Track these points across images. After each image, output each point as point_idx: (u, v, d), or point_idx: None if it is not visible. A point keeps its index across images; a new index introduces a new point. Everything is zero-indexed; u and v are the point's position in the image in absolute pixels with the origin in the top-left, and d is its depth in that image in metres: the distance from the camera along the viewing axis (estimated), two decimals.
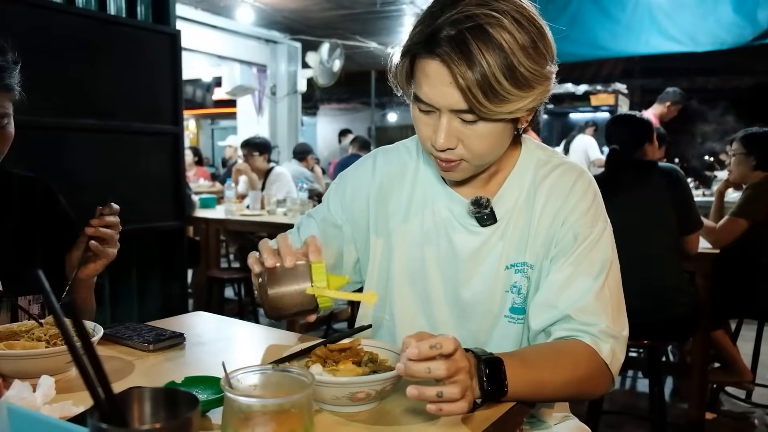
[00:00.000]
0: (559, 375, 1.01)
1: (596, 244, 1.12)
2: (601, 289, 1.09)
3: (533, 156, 1.21)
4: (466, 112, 1.01)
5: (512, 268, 1.16)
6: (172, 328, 1.28)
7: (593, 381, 1.06)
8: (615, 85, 8.25)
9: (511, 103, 0.98)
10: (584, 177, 1.18)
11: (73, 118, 2.80)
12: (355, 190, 1.29)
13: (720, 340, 3.14)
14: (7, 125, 1.28)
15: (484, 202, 1.15)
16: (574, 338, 1.06)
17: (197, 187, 7.04)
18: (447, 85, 0.99)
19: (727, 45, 7.00)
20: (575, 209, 1.14)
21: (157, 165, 3.22)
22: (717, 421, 3.14)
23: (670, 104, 5.67)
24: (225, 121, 16.03)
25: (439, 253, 1.21)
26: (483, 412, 0.91)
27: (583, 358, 1.04)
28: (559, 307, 1.08)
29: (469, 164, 1.09)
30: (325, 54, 8.29)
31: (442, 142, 1.04)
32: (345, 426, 0.87)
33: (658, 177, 2.63)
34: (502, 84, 0.96)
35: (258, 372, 0.79)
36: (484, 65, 0.95)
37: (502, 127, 1.05)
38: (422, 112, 1.07)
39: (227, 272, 4.96)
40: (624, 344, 1.09)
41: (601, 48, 7.69)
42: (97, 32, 2.88)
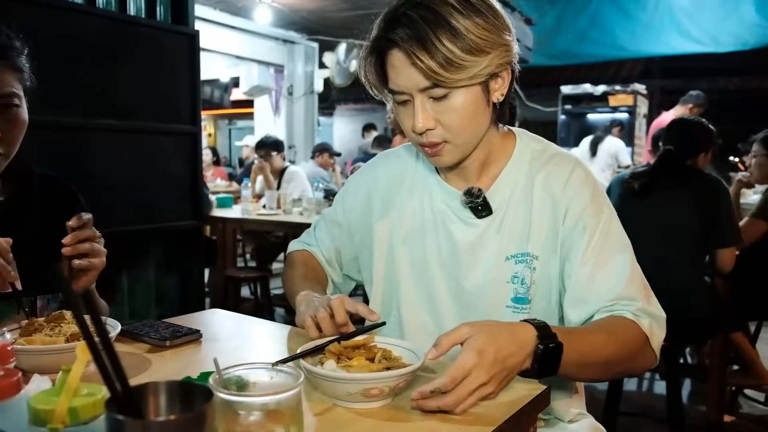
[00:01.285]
0: (610, 348, 1.04)
1: (608, 232, 1.15)
2: (629, 276, 1.12)
3: (528, 148, 1.24)
4: (432, 88, 1.07)
5: (512, 258, 1.18)
6: (189, 325, 1.30)
7: (639, 355, 1.09)
8: (634, 85, 8.18)
9: (468, 69, 1.05)
10: (581, 166, 1.21)
11: (92, 118, 2.83)
12: (358, 192, 1.38)
13: (739, 342, 3.10)
14: (18, 109, 1.28)
15: (475, 191, 1.19)
16: (616, 314, 1.09)
17: (214, 187, 7.09)
18: (409, 68, 1.06)
19: (750, 45, 6.93)
20: (576, 200, 1.16)
21: (175, 165, 3.25)
22: (735, 424, 3.10)
23: (693, 107, 5.62)
24: (242, 121, 16.12)
25: (439, 246, 1.25)
26: (498, 408, 0.91)
27: (630, 330, 1.07)
28: (591, 302, 1.11)
29: (452, 145, 1.13)
30: (342, 54, 8.31)
31: (421, 124, 1.09)
32: (356, 423, 0.88)
33: (698, 185, 2.60)
34: (454, 52, 1.03)
35: (252, 369, 0.80)
36: (435, 41, 1.03)
37: (472, 99, 1.09)
38: (400, 105, 1.14)
39: (244, 271, 5.00)
40: (662, 324, 1.12)
41: (620, 48, 7.64)
42: (117, 33, 2.91)
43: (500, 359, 0.89)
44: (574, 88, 8.47)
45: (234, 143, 15.56)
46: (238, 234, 5.34)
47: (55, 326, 1.06)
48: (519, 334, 0.94)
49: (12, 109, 1.28)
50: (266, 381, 0.80)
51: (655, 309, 1.12)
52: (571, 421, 1.23)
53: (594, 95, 8.25)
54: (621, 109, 8.16)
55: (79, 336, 1.03)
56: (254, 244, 5.53)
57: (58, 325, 1.06)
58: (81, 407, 0.66)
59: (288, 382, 0.77)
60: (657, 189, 2.59)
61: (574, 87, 8.49)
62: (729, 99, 10.15)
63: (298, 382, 0.75)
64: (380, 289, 1.33)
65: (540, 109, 9.27)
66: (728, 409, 3.17)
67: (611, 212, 1.18)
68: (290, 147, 9.38)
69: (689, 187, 2.60)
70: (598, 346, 1.03)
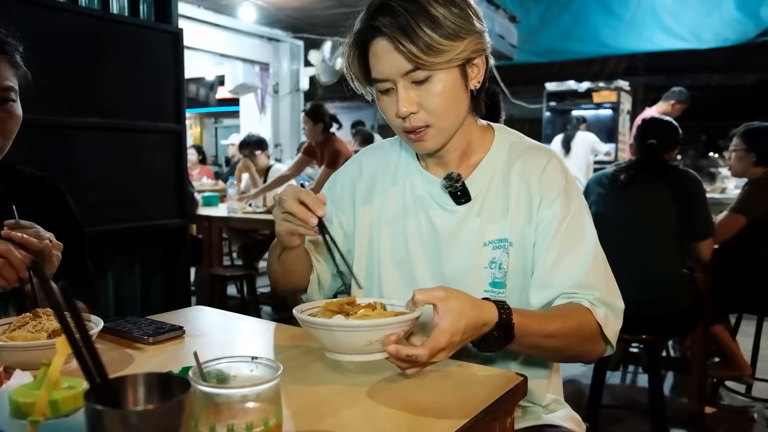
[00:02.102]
0: (562, 334, 1.09)
1: (576, 221, 1.20)
2: (591, 264, 1.17)
3: (507, 140, 1.30)
4: (413, 71, 1.12)
5: (490, 244, 1.22)
6: (173, 322, 1.31)
7: (590, 343, 1.15)
8: (618, 82, 8.23)
9: (446, 52, 1.11)
10: (555, 158, 1.26)
11: (76, 117, 2.82)
12: (344, 185, 1.40)
13: (720, 334, 3.15)
14: (14, 103, 1.29)
15: (455, 176, 1.23)
16: (575, 301, 1.15)
17: (200, 186, 7.07)
18: (391, 53, 1.12)
19: (731, 42, 7.01)
20: (550, 189, 1.21)
21: (160, 163, 3.24)
22: (717, 416, 3.15)
23: (675, 103, 5.69)
24: (228, 119, 16.06)
25: (420, 231, 1.28)
26: (475, 398, 0.93)
27: (584, 319, 1.13)
28: (555, 286, 1.17)
29: (434, 129, 1.18)
30: (328, 52, 8.31)
31: (405, 108, 1.15)
32: (335, 414, 0.89)
33: (673, 179, 2.66)
34: (432, 37, 1.09)
35: (232, 363, 0.81)
36: (416, 28, 1.09)
37: (452, 82, 1.15)
38: (383, 94, 1.19)
39: (230, 270, 4.99)
40: (619, 314, 1.17)
41: (604, 45, 7.71)
42: (100, 31, 2.89)
43: (465, 337, 0.97)
44: (558, 85, 8.51)
45: (220, 142, 15.50)
46: (224, 232, 5.33)
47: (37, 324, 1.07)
48: (484, 315, 0.99)
49: (8, 104, 1.29)
50: (246, 374, 0.81)
51: (615, 299, 1.17)
52: (547, 407, 1.26)
53: (578, 92, 8.30)
54: (605, 105, 8.22)
55: (61, 332, 1.04)
56: (240, 242, 5.52)
57: (40, 322, 1.07)
58: (62, 400, 0.67)
59: (267, 374, 0.79)
60: (637, 183, 2.64)
61: (558, 84, 8.53)
62: (711, 95, 10.27)
63: (277, 373, 0.76)
64: (362, 274, 1.35)
65: (525, 106, 9.30)
66: (709, 401, 3.22)
67: (581, 203, 1.23)
68: (276, 145, 9.36)
69: (666, 181, 2.66)
70: (551, 331, 1.08)
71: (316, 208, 1.09)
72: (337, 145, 5.08)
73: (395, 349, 0.92)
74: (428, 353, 0.92)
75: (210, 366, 0.80)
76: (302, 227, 1.12)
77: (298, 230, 1.14)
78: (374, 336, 0.93)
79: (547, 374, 1.27)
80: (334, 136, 5.18)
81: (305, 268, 1.36)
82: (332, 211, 1.38)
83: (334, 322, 0.95)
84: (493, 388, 0.97)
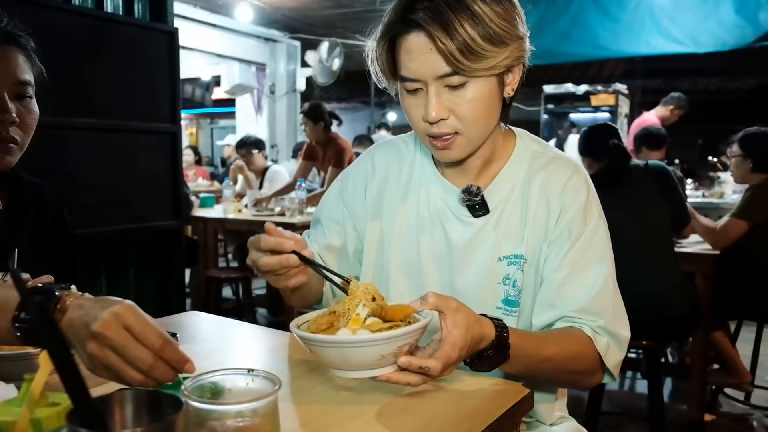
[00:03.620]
0: (562, 354, 1.05)
1: (591, 242, 1.14)
2: (600, 289, 1.11)
3: (528, 148, 1.23)
4: (450, 75, 1.04)
5: (505, 260, 1.16)
6: (166, 328, 1.26)
7: (587, 373, 1.11)
8: (615, 85, 8.21)
9: (487, 59, 1.03)
10: (579, 172, 1.20)
11: (69, 117, 2.78)
12: (356, 185, 1.31)
13: (719, 341, 3.13)
14: (31, 100, 1.27)
15: (474, 189, 1.17)
16: (577, 326, 1.10)
17: (196, 187, 7.03)
18: (428, 52, 1.03)
19: (729, 46, 6.99)
20: (570, 206, 1.15)
21: (155, 164, 3.21)
22: (716, 423, 3.13)
23: (674, 108, 5.70)
24: (224, 120, 16.01)
25: (433, 244, 1.22)
26: (481, 412, 0.90)
27: (584, 347, 1.07)
28: (558, 308, 1.11)
29: (463, 137, 1.10)
30: (325, 53, 8.28)
31: (435, 114, 1.06)
32: (339, 428, 0.86)
33: (646, 175, 2.64)
34: (476, 41, 1.01)
35: (227, 375, 0.77)
36: (458, 26, 1.00)
37: (488, 91, 1.07)
38: (410, 94, 1.10)
39: (225, 272, 4.95)
40: (623, 344, 1.11)
41: (602, 48, 7.68)
42: (94, 30, 2.86)
43: (466, 354, 0.92)
44: (556, 88, 8.49)
45: (216, 142, 15.46)
46: (220, 234, 5.29)
47: None
48: (483, 332, 0.95)
49: (26, 99, 1.27)
50: (242, 387, 0.77)
51: (620, 329, 1.11)
52: (552, 424, 1.22)
53: (576, 95, 8.28)
54: (603, 108, 8.19)
55: None
56: (236, 243, 5.49)
57: None
58: (44, 418, 0.64)
59: (264, 388, 0.75)
60: (619, 186, 2.61)
61: (556, 86, 8.51)
62: (709, 99, 10.26)
63: (275, 387, 0.73)
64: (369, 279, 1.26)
65: (523, 108, 9.29)
66: (708, 408, 3.19)
67: (599, 222, 1.16)
68: (273, 146, 9.32)
69: (642, 179, 2.63)
70: (547, 356, 1.03)
71: (283, 245, 0.97)
72: (340, 143, 5.07)
73: (407, 361, 0.86)
74: (441, 366, 0.87)
75: (203, 379, 0.76)
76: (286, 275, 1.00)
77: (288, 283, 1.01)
78: (388, 349, 0.86)
79: (552, 398, 1.23)
80: (336, 134, 5.17)
81: (317, 287, 1.26)
82: (344, 213, 1.29)
83: (344, 339, 0.87)
84: (499, 401, 0.95)
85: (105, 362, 0.77)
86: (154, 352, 0.78)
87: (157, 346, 0.78)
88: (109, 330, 0.77)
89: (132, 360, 0.76)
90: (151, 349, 0.77)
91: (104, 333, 0.76)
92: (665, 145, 4.23)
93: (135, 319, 0.79)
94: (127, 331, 0.77)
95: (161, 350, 0.78)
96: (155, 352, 0.78)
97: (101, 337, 0.76)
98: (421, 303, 0.91)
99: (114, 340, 0.76)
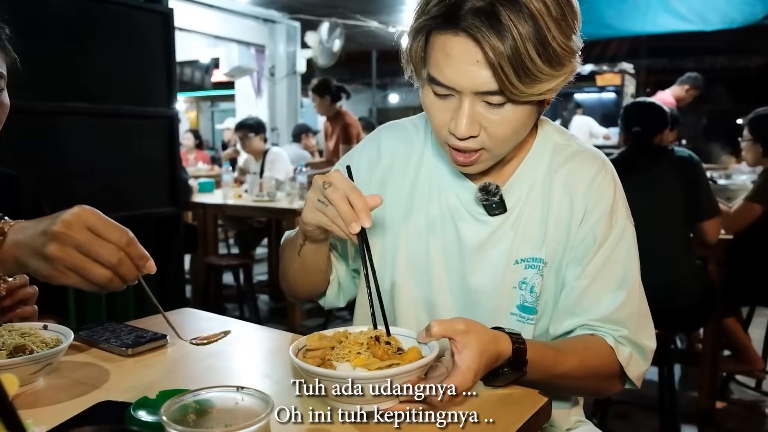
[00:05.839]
0: (578, 374, 0.99)
1: (616, 248, 1.05)
2: (625, 298, 1.03)
3: (550, 140, 1.11)
4: (493, 94, 0.92)
5: (523, 263, 1.06)
6: (156, 328, 1.19)
7: (609, 381, 1.05)
8: (621, 64, 8.08)
9: (542, 83, 0.90)
10: (606, 168, 1.09)
11: (62, 102, 2.70)
12: (360, 169, 1.18)
13: (731, 327, 3.06)
14: (3, 92, 1.19)
15: (492, 189, 1.06)
16: (599, 335, 1.03)
17: (196, 171, 6.93)
18: (474, 64, 0.89)
19: (737, 23, 6.85)
20: (596, 207, 1.05)
21: (152, 149, 3.13)
22: (727, 410, 3.07)
23: (690, 88, 5.62)
24: (225, 103, 15.87)
25: (444, 244, 1.11)
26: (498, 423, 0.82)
27: (605, 358, 1.01)
28: (579, 316, 1.03)
29: (489, 154, 0.99)
30: (325, 34, 8.13)
31: (464, 130, 0.94)
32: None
33: (672, 162, 2.54)
34: (535, 61, 0.87)
35: (215, 393, 0.70)
36: (517, 39, 0.86)
37: (528, 111, 0.96)
38: (438, 97, 0.97)
39: (225, 259, 4.88)
40: (648, 355, 1.04)
41: (607, 27, 7.53)
42: (86, 12, 2.76)
43: (482, 374, 0.87)
44: None
45: (216, 126, 15.33)
46: (220, 219, 5.21)
47: None
48: (500, 349, 0.88)
49: None
50: (231, 406, 0.69)
51: (644, 340, 1.04)
52: (569, 429, 1.15)
53: (581, 75, 8.13)
54: (608, 88, 8.09)
55: (24, 348, 0.92)
56: (236, 229, 5.41)
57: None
58: None
59: (256, 408, 0.67)
60: (635, 173, 2.51)
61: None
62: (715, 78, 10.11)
63: (267, 409, 0.65)
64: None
65: None
66: (719, 395, 3.13)
67: (625, 224, 1.07)
68: (273, 129, 9.20)
69: (662, 166, 2.54)
70: (565, 370, 0.97)
71: (364, 216, 0.90)
72: (347, 119, 5.07)
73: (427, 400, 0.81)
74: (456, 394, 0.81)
75: (187, 398, 0.68)
76: (337, 229, 0.93)
77: (331, 228, 0.94)
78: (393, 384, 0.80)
79: (569, 405, 1.16)
80: (343, 110, 5.17)
81: (327, 266, 1.18)
82: None
83: (343, 375, 0.80)
84: (515, 412, 0.86)
85: (69, 263, 0.77)
86: (120, 247, 0.79)
87: (122, 242, 0.80)
88: (72, 229, 0.77)
89: (98, 255, 0.78)
90: (117, 245, 0.79)
91: (67, 232, 0.77)
92: (677, 126, 4.12)
93: (96, 217, 0.80)
94: (89, 230, 0.78)
95: (127, 245, 0.80)
96: (121, 247, 0.79)
97: (63, 237, 0.77)
98: (426, 335, 0.84)
99: (77, 238, 0.77)
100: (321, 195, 0.94)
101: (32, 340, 0.94)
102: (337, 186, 0.92)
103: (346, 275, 1.24)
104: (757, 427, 3.01)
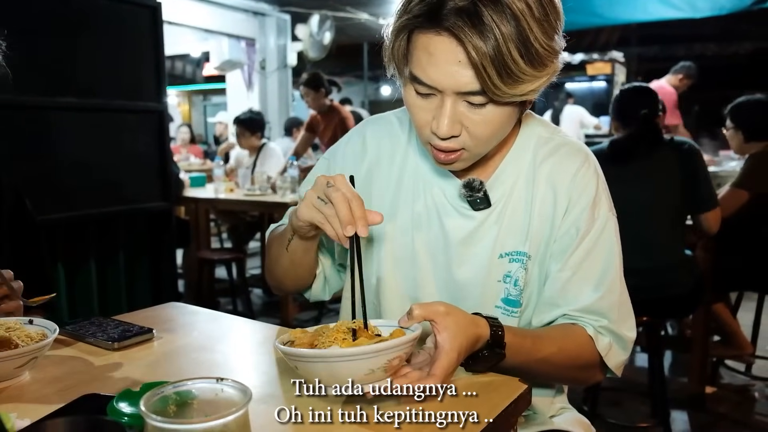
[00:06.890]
0: (560, 354, 1.00)
1: (599, 239, 1.06)
2: (606, 289, 1.04)
3: (533, 133, 1.12)
4: (475, 94, 0.91)
5: (507, 256, 1.08)
6: (143, 322, 1.20)
7: (587, 370, 1.06)
8: (611, 53, 8.10)
9: (524, 83, 0.90)
10: (589, 161, 1.09)
11: (51, 97, 2.70)
12: (345, 163, 1.19)
13: (720, 313, 3.08)
14: None
15: (476, 185, 1.06)
16: (579, 325, 1.04)
17: (188, 165, 6.92)
18: (456, 64, 0.89)
19: (726, 10, 6.86)
20: (579, 200, 1.06)
21: (142, 144, 3.13)
22: (717, 395, 3.10)
23: (683, 77, 5.64)
24: (217, 97, 15.81)
25: (429, 239, 1.12)
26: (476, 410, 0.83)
27: (584, 347, 1.03)
28: (561, 307, 1.05)
29: (470, 153, 1.00)
30: (315, 26, 8.11)
31: (446, 130, 0.94)
32: None
33: (669, 151, 2.52)
34: (517, 62, 0.87)
35: (195, 385, 0.70)
36: (499, 39, 0.85)
37: (510, 112, 0.96)
38: (420, 96, 0.97)
39: (218, 253, 4.88)
40: (627, 345, 1.05)
41: (597, 15, 7.54)
42: (73, 6, 2.76)
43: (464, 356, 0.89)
44: None
45: (208, 119, 15.28)
46: (212, 214, 5.21)
47: None
48: (479, 332, 0.91)
49: None
50: (211, 397, 0.70)
51: (625, 330, 1.05)
52: (553, 415, 1.16)
53: (572, 64, 8.18)
54: (599, 77, 8.10)
55: (9, 341, 0.93)
56: (229, 223, 5.40)
57: None
58: None
59: (236, 398, 0.68)
60: (635, 158, 2.52)
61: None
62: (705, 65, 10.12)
63: (245, 399, 0.66)
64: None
65: None
66: (710, 380, 3.16)
67: (608, 216, 1.08)
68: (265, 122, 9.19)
69: (663, 153, 2.53)
70: (544, 356, 0.99)
71: (361, 224, 0.90)
72: (343, 112, 5.00)
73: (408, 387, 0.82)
74: (441, 379, 0.83)
75: (167, 390, 0.69)
76: (330, 228, 0.93)
77: (323, 227, 0.94)
78: (377, 362, 0.81)
79: (552, 392, 1.18)
80: (338, 105, 5.10)
81: (315, 260, 1.19)
82: None
83: (331, 353, 0.82)
84: (494, 399, 0.87)
85: None
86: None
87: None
88: None
89: None
90: None
91: None
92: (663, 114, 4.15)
93: None
94: None
95: None
96: None
97: None
98: (408, 319, 0.86)
99: None
100: (322, 193, 0.94)
101: (17, 335, 0.95)
102: (340, 188, 0.92)
103: (331, 269, 1.25)
104: (747, 410, 3.04)
